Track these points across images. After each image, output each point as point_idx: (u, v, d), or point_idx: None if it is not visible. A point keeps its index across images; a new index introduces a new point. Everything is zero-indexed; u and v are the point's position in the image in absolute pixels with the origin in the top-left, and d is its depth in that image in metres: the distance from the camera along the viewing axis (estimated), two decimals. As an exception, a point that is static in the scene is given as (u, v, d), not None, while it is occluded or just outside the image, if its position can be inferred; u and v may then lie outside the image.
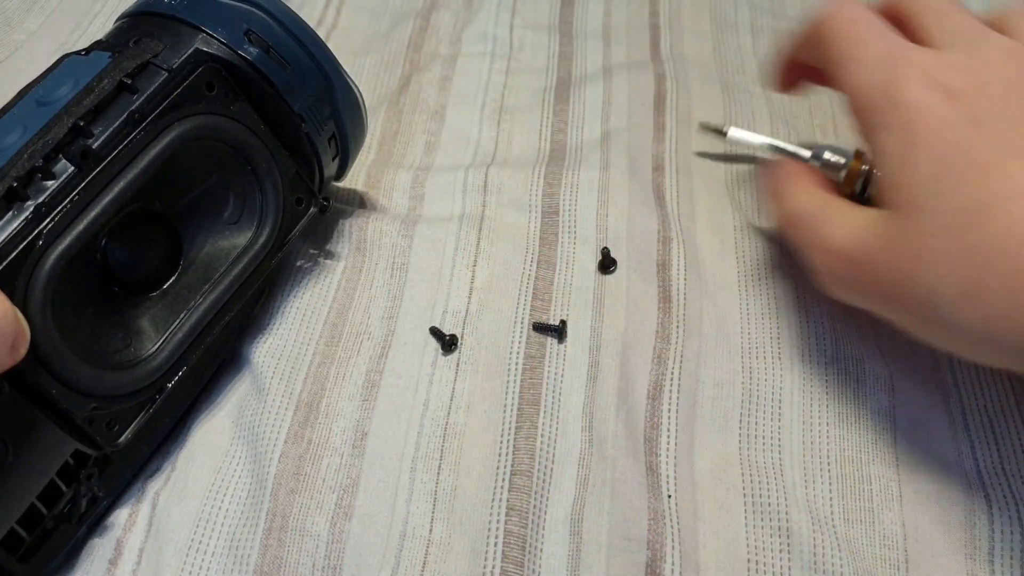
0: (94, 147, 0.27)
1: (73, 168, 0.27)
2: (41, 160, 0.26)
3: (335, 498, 0.30)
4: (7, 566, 0.27)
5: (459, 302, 0.35)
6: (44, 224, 0.26)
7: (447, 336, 0.33)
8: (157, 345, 0.29)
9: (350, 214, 0.39)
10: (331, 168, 0.36)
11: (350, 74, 0.34)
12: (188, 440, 0.32)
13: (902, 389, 0.31)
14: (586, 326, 0.34)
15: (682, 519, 0.29)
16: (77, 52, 0.30)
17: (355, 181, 0.41)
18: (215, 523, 0.30)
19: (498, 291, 0.35)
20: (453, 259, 0.36)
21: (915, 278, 0.26)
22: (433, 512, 0.29)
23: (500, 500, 0.29)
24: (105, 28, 0.36)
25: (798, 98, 0.43)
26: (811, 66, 0.33)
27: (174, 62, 0.29)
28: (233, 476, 0.31)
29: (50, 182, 0.26)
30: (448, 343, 0.33)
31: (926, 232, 0.25)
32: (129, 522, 0.30)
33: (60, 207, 0.26)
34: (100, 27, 0.52)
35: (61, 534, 0.28)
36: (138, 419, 0.29)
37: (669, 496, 0.29)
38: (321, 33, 0.35)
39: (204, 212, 0.32)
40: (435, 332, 0.34)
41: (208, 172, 0.31)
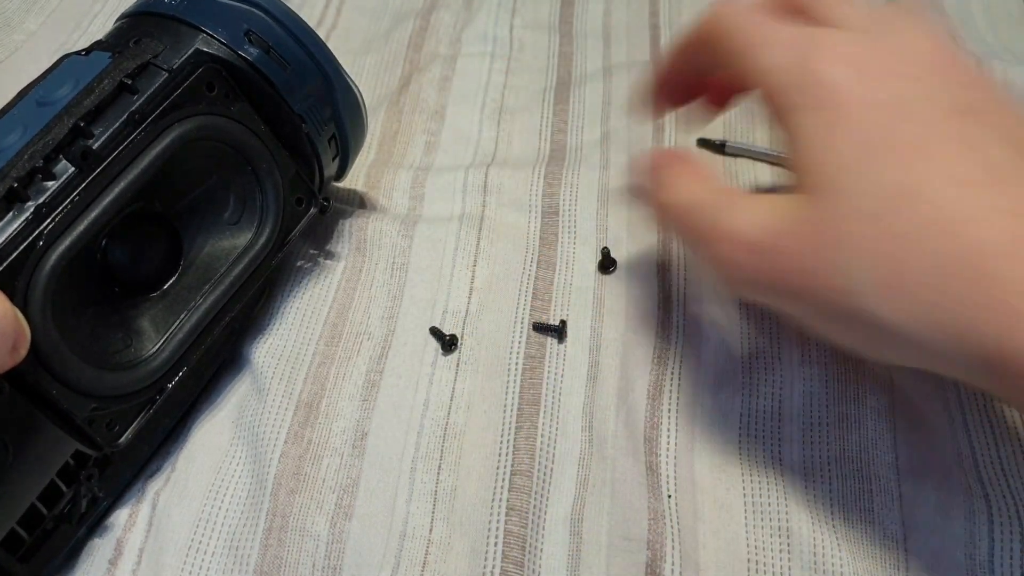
0: (94, 148, 0.27)
1: (73, 169, 0.27)
2: (41, 161, 0.26)
3: (335, 498, 0.30)
4: (7, 566, 0.27)
5: (459, 302, 0.35)
6: (44, 225, 0.26)
7: (447, 336, 0.33)
8: (157, 345, 0.30)
9: (350, 214, 0.38)
10: (331, 168, 0.36)
11: (350, 74, 0.34)
12: (188, 440, 0.32)
13: (902, 389, 0.31)
14: (586, 326, 0.34)
15: (682, 519, 0.29)
16: (77, 52, 0.30)
17: (355, 181, 0.41)
18: (215, 523, 0.30)
19: (498, 291, 0.35)
20: (453, 259, 0.36)
21: (832, 266, 0.24)
22: (433, 512, 0.29)
23: (500, 500, 0.29)
24: (105, 28, 0.36)
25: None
26: (691, 79, 0.32)
27: (174, 62, 0.29)
28: (233, 476, 0.31)
29: (50, 183, 0.26)
30: (448, 343, 0.33)
31: (846, 216, 0.24)
32: (129, 522, 0.30)
33: (60, 208, 0.26)
34: (100, 27, 0.52)
35: (61, 534, 0.28)
36: (138, 419, 0.29)
37: (669, 496, 0.29)
38: (321, 33, 0.35)
39: (204, 212, 0.32)
40: (435, 332, 0.34)
41: (208, 172, 0.31)
